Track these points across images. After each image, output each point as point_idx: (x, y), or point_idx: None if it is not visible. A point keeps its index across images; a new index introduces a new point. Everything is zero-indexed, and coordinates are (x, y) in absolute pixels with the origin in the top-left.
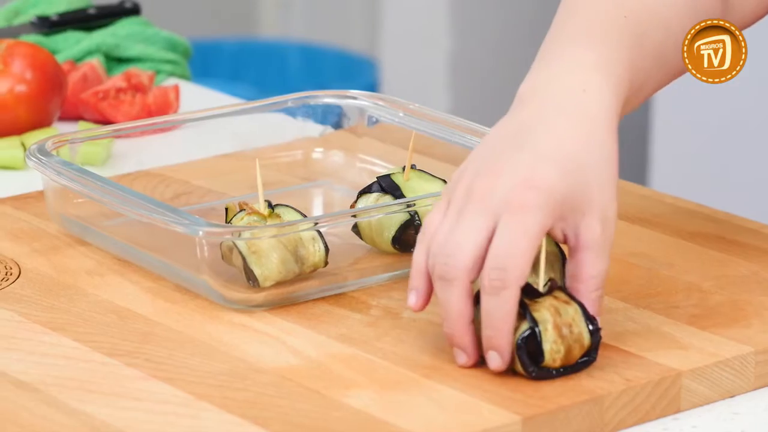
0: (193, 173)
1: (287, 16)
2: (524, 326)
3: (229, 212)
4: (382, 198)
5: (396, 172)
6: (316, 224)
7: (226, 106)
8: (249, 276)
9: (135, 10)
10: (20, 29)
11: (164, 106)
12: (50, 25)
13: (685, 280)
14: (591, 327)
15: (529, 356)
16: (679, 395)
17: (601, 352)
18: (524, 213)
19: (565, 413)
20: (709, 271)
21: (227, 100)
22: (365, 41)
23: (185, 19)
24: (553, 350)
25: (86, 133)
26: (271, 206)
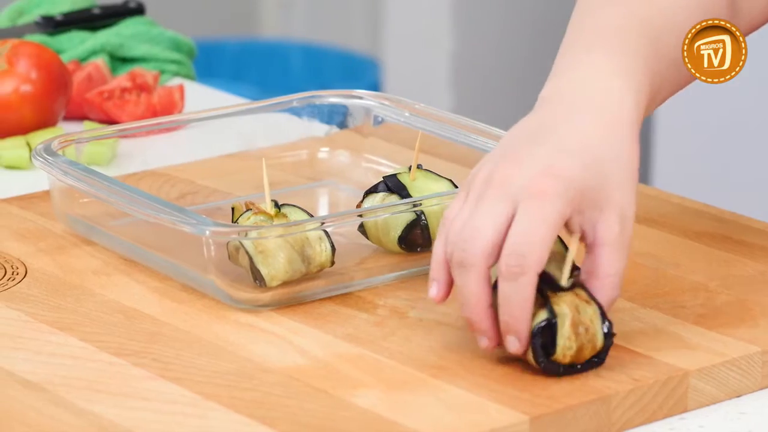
0: (198, 173)
1: (289, 16)
2: (542, 316)
3: (236, 212)
4: (388, 198)
5: (402, 172)
6: (322, 224)
7: (231, 106)
8: (256, 276)
9: (139, 10)
10: (25, 29)
11: (169, 106)
12: (55, 25)
13: (691, 279)
14: (606, 330)
15: (542, 347)
16: (686, 395)
17: (609, 351)
18: (544, 200)
19: (573, 413)
20: (715, 271)
21: (232, 100)
22: (367, 41)
23: (187, 19)
24: (565, 346)
25: (92, 132)
26: (277, 206)
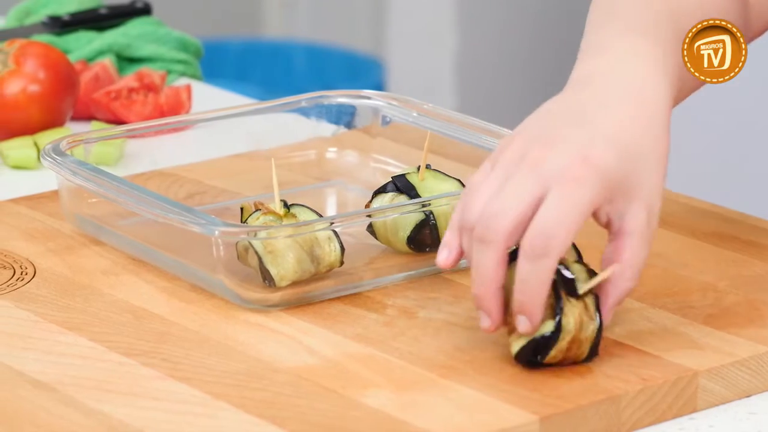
0: (206, 173)
1: (292, 16)
2: (548, 326)
3: (245, 212)
4: (397, 198)
5: (411, 172)
6: (331, 224)
7: (239, 106)
8: (265, 276)
9: (146, 10)
10: (32, 29)
11: (176, 106)
12: (62, 25)
13: (700, 280)
14: (589, 351)
15: (533, 350)
16: (696, 395)
17: (618, 351)
18: (577, 187)
19: (583, 413)
20: (724, 271)
21: (239, 100)
22: (370, 41)
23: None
24: (553, 356)
25: (100, 132)
26: (286, 206)
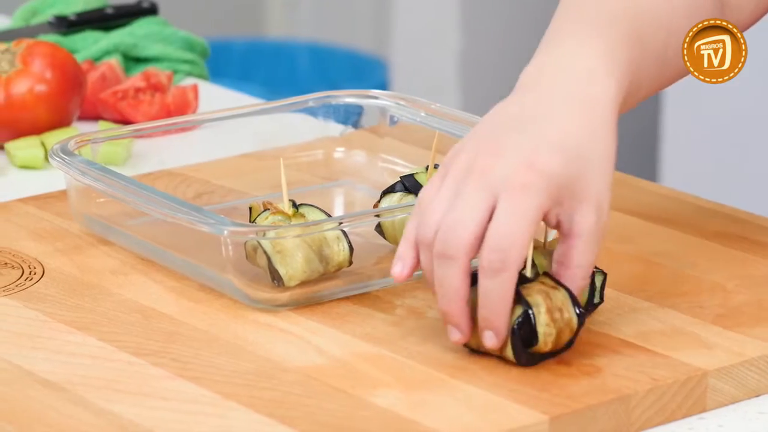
0: (214, 173)
1: (294, 16)
2: (518, 311)
3: (253, 212)
4: (405, 197)
5: (419, 172)
6: (340, 224)
7: (246, 106)
8: (274, 275)
9: (152, 10)
10: (38, 29)
11: (183, 106)
12: (68, 25)
13: (709, 279)
14: (578, 311)
15: (522, 341)
16: (705, 395)
17: (627, 351)
18: (524, 194)
19: (592, 412)
20: (732, 270)
21: (246, 99)
22: (373, 41)
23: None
24: (546, 333)
25: (108, 132)
26: (295, 206)
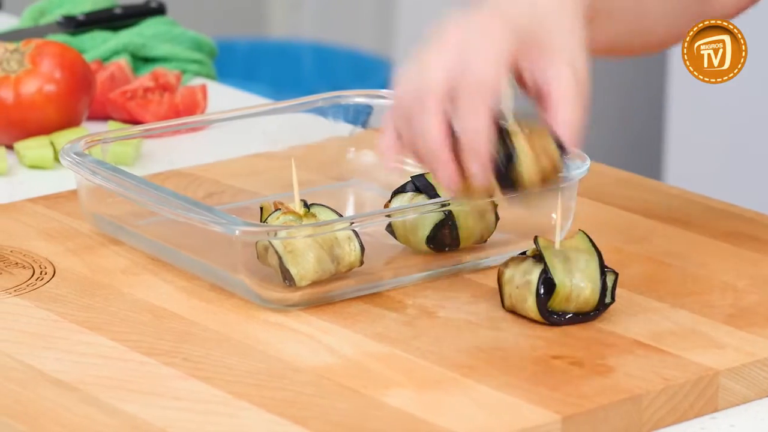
0: (223, 173)
1: (298, 16)
2: (499, 147)
3: (265, 212)
4: (416, 197)
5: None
6: (351, 224)
7: (255, 106)
8: (285, 275)
9: (160, 10)
10: (46, 29)
11: (192, 106)
12: (76, 25)
13: (720, 279)
14: (558, 142)
15: (507, 180)
16: (717, 394)
17: (639, 351)
18: (490, 33)
19: (605, 412)
20: (743, 270)
21: (254, 99)
22: (376, 41)
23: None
24: (528, 164)
25: (118, 132)
26: (306, 206)
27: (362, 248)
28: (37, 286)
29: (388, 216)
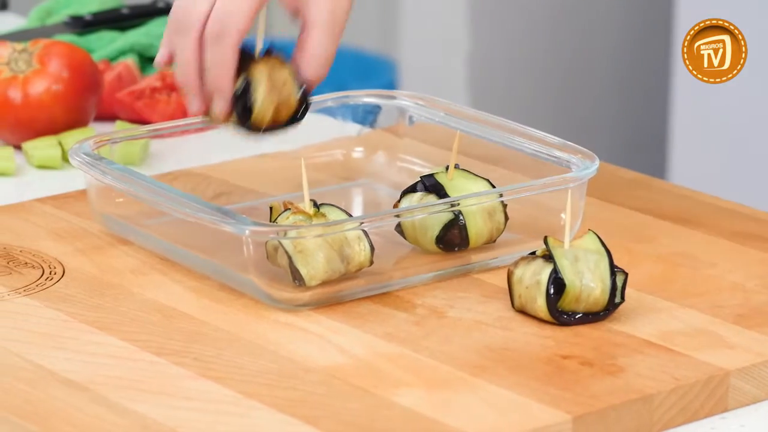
0: (232, 173)
1: None
2: (240, 81)
3: (274, 212)
4: (425, 197)
5: (439, 172)
6: (361, 224)
7: None
8: (295, 275)
9: (168, 10)
10: (54, 29)
11: None
12: (84, 25)
13: (729, 279)
14: (301, 88)
15: (244, 111)
16: (727, 394)
17: (649, 351)
18: None
19: (616, 412)
20: (752, 270)
21: None
22: (381, 41)
23: None
24: (264, 102)
25: (127, 132)
26: (316, 206)
27: (372, 248)
28: (47, 286)
29: (398, 216)
